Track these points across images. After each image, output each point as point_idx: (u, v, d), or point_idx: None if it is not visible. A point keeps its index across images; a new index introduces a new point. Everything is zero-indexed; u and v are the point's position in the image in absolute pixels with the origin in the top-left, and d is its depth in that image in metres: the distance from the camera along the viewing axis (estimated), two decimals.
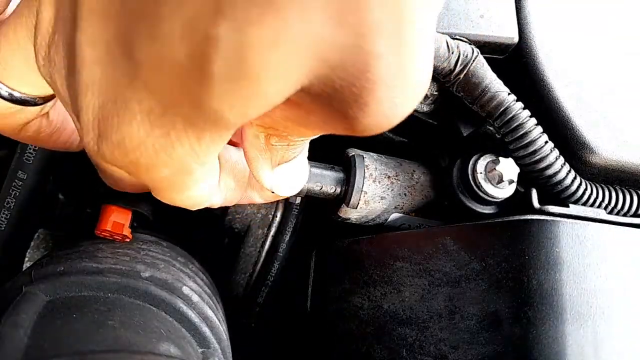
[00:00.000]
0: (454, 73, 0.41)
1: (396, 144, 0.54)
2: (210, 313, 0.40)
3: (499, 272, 0.39)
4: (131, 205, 0.44)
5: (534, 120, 0.42)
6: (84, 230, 0.44)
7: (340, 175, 0.46)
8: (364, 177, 0.45)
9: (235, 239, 0.63)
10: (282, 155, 0.28)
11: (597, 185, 0.45)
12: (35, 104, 0.29)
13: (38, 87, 0.28)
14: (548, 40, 0.45)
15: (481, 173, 0.43)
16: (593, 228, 0.41)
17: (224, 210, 0.60)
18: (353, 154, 0.46)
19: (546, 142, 0.42)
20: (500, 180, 0.42)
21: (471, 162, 0.43)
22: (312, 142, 0.50)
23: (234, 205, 0.59)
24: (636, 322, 0.39)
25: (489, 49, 0.45)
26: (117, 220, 0.43)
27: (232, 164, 0.33)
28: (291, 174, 0.31)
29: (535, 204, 0.42)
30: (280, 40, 0.17)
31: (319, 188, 0.45)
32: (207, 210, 0.55)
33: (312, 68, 0.18)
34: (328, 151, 0.51)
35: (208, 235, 0.65)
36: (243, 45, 0.17)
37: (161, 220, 0.56)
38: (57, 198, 0.62)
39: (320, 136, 0.51)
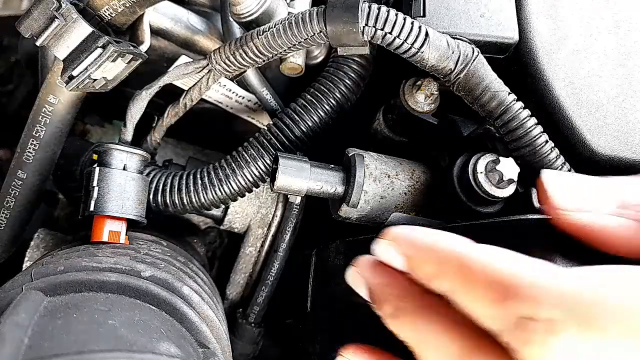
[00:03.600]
0: (454, 73, 0.41)
1: (396, 143, 0.54)
2: (210, 313, 0.40)
3: None
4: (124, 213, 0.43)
5: (534, 120, 0.42)
6: (84, 230, 0.44)
7: (341, 174, 0.46)
8: (364, 176, 0.45)
9: (235, 239, 0.63)
10: None
11: None
12: None
13: None
14: (548, 40, 0.45)
15: (481, 173, 0.43)
16: None
17: (224, 210, 0.60)
18: (353, 153, 0.46)
19: (546, 142, 0.42)
20: (501, 180, 0.42)
21: (471, 162, 0.43)
22: (312, 142, 0.50)
23: (233, 205, 0.59)
24: None
25: (490, 48, 0.45)
26: (113, 229, 0.43)
27: None
28: None
29: (536, 203, 0.42)
30: None
31: (319, 188, 0.45)
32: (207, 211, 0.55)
33: None
34: (328, 151, 0.51)
35: (208, 235, 0.65)
36: None
37: (160, 221, 0.56)
38: (57, 198, 0.62)
39: (320, 136, 0.51)
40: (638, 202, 0.31)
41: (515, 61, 0.46)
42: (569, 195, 0.32)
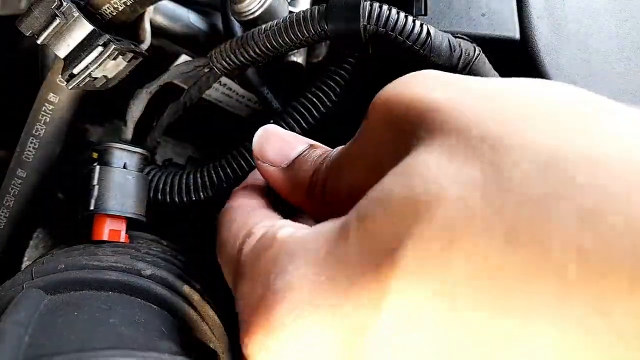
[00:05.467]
0: (456, 72, 0.41)
1: None
2: (211, 312, 0.40)
3: None
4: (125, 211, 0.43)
5: None
6: (84, 229, 0.44)
7: None
8: None
9: None
10: None
11: None
12: None
13: None
14: (550, 39, 0.45)
15: None
16: None
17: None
18: None
19: None
20: None
21: None
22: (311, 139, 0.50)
23: None
24: None
25: (491, 47, 0.45)
26: (113, 228, 0.43)
27: None
28: None
29: None
30: None
31: None
32: (207, 210, 0.55)
33: None
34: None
35: (208, 235, 0.65)
36: None
37: (159, 220, 0.56)
38: (57, 197, 0.62)
39: (319, 134, 0.51)
40: (306, 163, 0.35)
41: (516, 60, 0.46)
42: (263, 145, 0.37)
